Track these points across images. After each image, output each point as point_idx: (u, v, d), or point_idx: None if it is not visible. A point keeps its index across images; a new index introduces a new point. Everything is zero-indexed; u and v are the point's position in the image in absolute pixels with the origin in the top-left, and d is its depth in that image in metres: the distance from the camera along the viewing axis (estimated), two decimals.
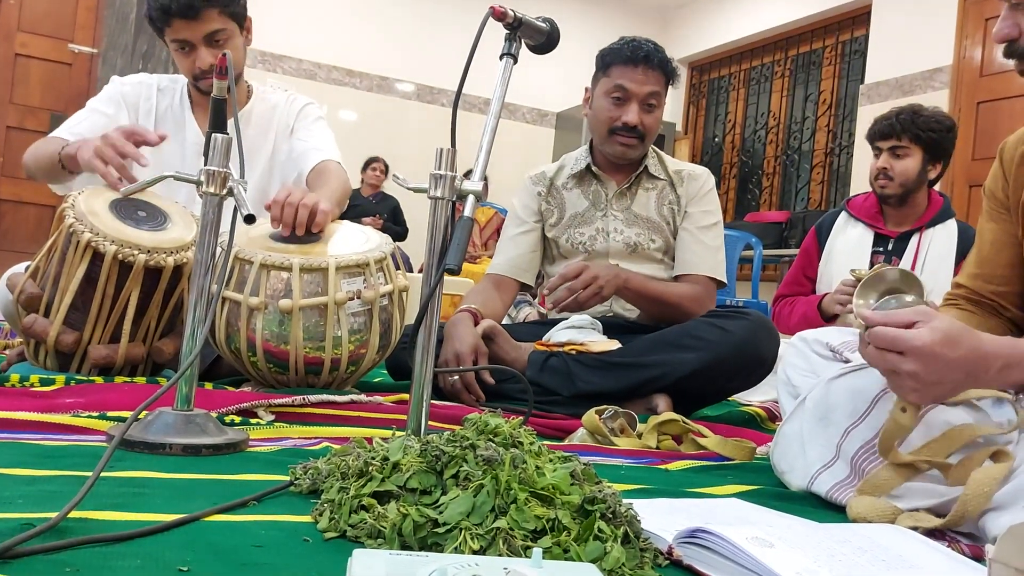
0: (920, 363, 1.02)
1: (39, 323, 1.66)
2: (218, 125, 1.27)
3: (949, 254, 2.57)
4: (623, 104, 2.16)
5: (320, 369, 1.69)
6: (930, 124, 2.56)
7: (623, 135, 2.18)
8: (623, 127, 2.17)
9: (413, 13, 7.20)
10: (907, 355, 1.03)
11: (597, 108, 2.21)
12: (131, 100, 2.14)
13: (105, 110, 2.11)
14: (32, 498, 0.87)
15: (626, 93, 2.15)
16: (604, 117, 2.19)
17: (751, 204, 7.23)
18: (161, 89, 2.19)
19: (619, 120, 2.16)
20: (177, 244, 1.69)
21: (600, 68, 2.22)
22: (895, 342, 1.03)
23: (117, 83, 2.17)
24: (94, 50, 4.85)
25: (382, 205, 6.66)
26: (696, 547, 0.82)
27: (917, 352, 1.02)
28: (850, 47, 6.45)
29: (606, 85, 2.18)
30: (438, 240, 1.16)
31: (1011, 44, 1.20)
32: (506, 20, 1.28)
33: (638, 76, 2.14)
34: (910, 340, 1.02)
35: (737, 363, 1.92)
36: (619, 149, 2.20)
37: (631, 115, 2.15)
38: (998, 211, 1.37)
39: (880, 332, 1.05)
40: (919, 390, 1.04)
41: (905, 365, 1.03)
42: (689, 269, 2.21)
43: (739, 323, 1.92)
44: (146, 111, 2.15)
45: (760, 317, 1.98)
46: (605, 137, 2.21)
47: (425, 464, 0.86)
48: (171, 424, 1.18)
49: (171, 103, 2.17)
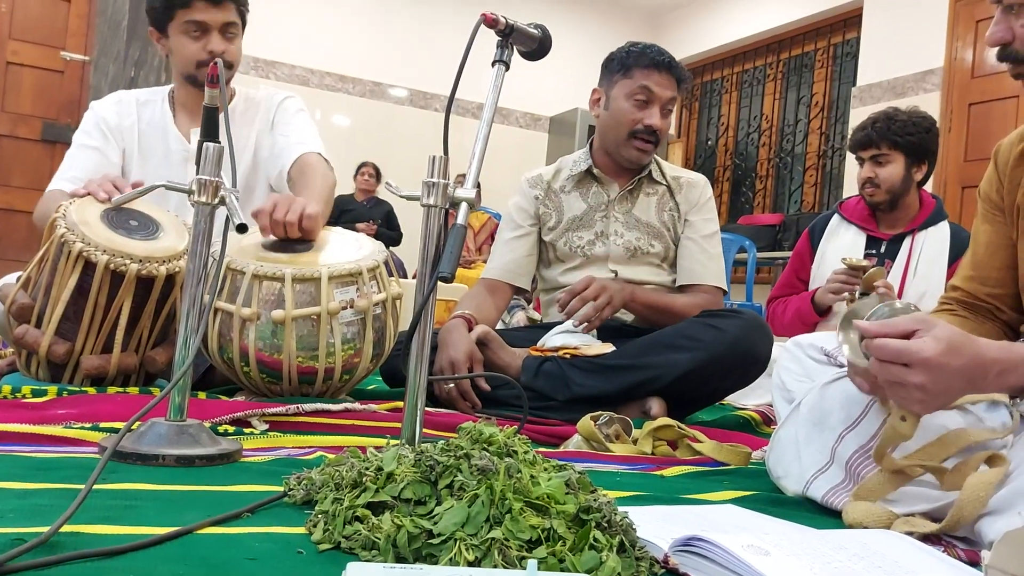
0: (928, 375, 1.00)
1: (31, 333, 1.65)
2: (210, 133, 1.27)
3: (942, 256, 2.57)
4: (647, 106, 2.15)
5: (314, 378, 1.69)
6: (907, 128, 2.54)
7: (643, 138, 2.17)
8: (644, 130, 2.16)
9: (406, 18, 7.20)
10: (914, 367, 1.00)
11: (617, 110, 2.18)
12: (112, 122, 2.13)
13: (92, 143, 2.09)
14: (23, 512, 0.86)
15: (651, 95, 2.14)
16: (626, 119, 2.16)
17: (744, 207, 7.24)
18: (142, 103, 2.17)
19: (641, 122, 2.15)
20: (169, 253, 1.68)
21: (618, 70, 2.19)
22: (900, 354, 1.01)
23: (96, 110, 2.15)
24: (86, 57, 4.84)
25: (376, 210, 6.66)
26: (692, 555, 0.82)
27: (924, 364, 0.99)
28: (842, 50, 6.47)
29: (628, 87, 2.16)
30: (431, 248, 1.16)
31: (1004, 48, 1.19)
32: (498, 27, 1.28)
33: (663, 80, 2.14)
34: (917, 352, 1.00)
35: (731, 362, 1.91)
36: (636, 153, 2.19)
37: (654, 118, 2.15)
38: (993, 213, 1.37)
39: (883, 344, 1.02)
40: (925, 401, 1.03)
41: (913, 377, 1.00)
42: (695, 279, 2.21)
43: (732, 322, 1.92)
44: (128, 127, 2.13)
45: (753, 316, 1.98)
46: (623, 140, 2.18)
47: (419, 474, 0.86)
48: (164, 435, 1.17)
49: (152, 115, 2.16)
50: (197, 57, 2.04)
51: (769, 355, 1.98)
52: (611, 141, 2.23)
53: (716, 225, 2.29)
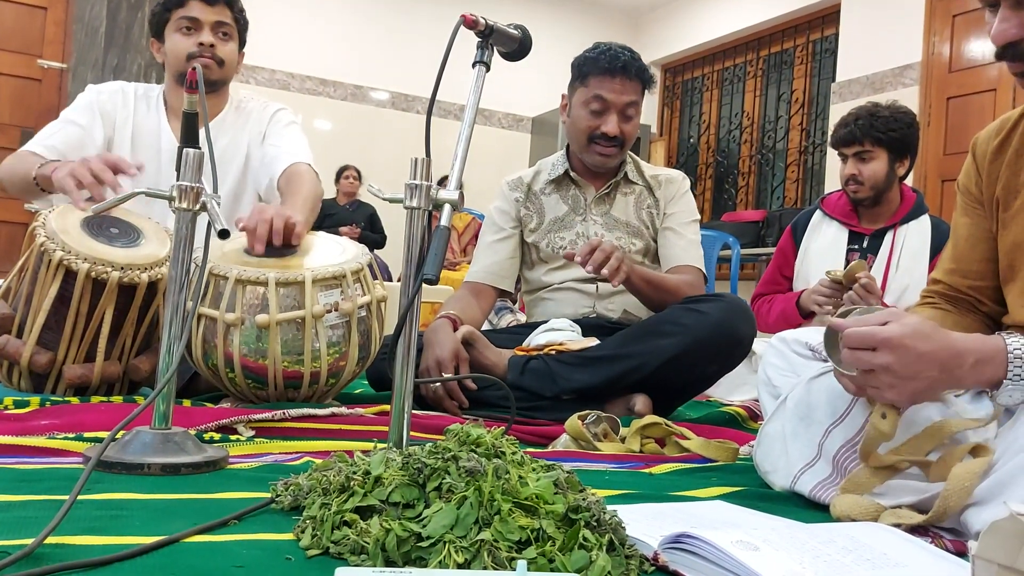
0: (892, 355, 1.03)
1: (12, 344, 1.63)
2: (190, 139, 1.26)
3: (924, 249, 2.58)
4: (602, 114, 2.16)
5: (299, 383, 1.68)
6: (889, 124, 2.55)
7: (602, 144, 2.18)
8: (602, 136, 2.17)
9: (386, 21, 7.19)
10: (879, 349, 1.04)
11: (575, 118, 2.21)
12: (108, 109, 2.13)
13: (79, 120, 2.09)
14: (7, 524, 0.85)
15: (604, 103, 2.15)
16: (583, 127, 2.18)
17: (727, 204, 7.27)
18: (138, 97, 2.18)
19: (598, 130, 2.16)
20: (151, 260, 1.67)
21: (577, 77, 2.21)
22: (865, 339, 1.05)
23: (94, 91, 2.16)
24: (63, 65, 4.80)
25: (358, 213, 6.64)
26: (682, 552, 0.82)
27: (888, 344, 1.03)
28: (821, 46, 6.51)
29: (584, 95, 2.17)
30: (415, 250, 1.16)
31: (1013, 46, 1.12)
32: (477, 28, 1.28)
33: (616, 86, 2.14)
34: (879, 332, 1.04)
35: (715, 345, 1.92)
36: (598, 159, 2.21)
37: (610, 125, 2.15)
38: (972, 206, 1.38)
39: (851, 332, 1.07)
40: (895, 385, 1.05)
41: (878, 359, 1.04)
42: (678, 261, 2.23)
43: (714, 305, 1.93)
44: (123, 120, 2.13)
45: (735, 299, 1.98)
46: (584, 146, 2.21)
47: (407, 477, 0.85)
48: (149, 443, 1.16)
49: (147, 111, 2.17)
50: (187, 50, 2.08)
51: (752, 338, 1.99)
52: (575, 147, 2.26)
53: (695, 215, 2.31)
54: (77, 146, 2.03)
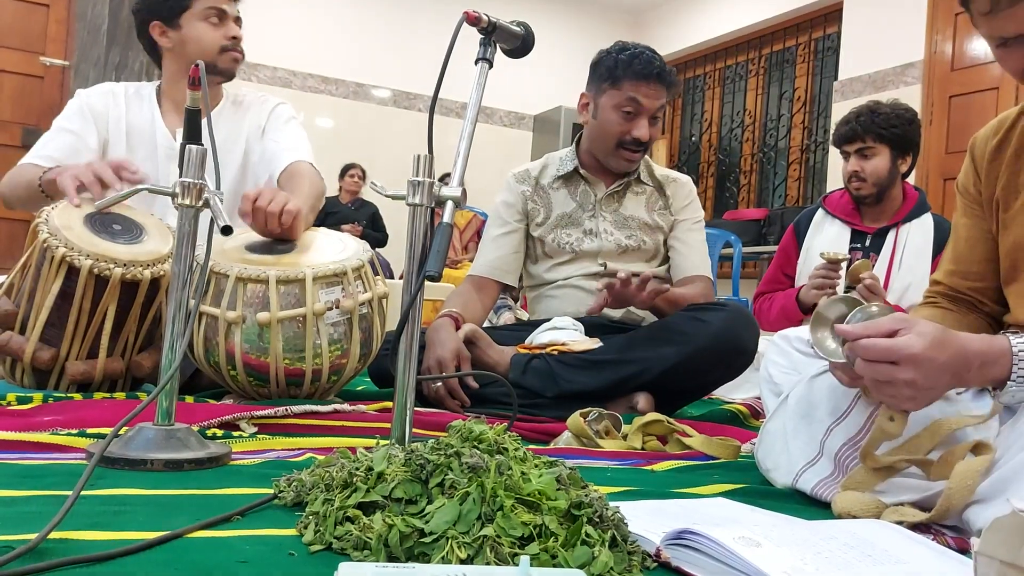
0: (917, 371, 1.00)
1: (15, 340, 1.64)
2: (192, 136, 1.26)
3: (926, 248, 2.58)
4: (634, 118, 2.13)
5: (301, 380, 1.68)
6: (891, 120, 2.55)
7: (631, 149, 2.16)
8: (632, 141, 2.15)
9: (388, 19, 7.19)
10: (902, 364, 1.01)
11: (605, 121, 2.16)
12: (99, 110, 2.11)
13: (71, 127, 2.08)
14: (11, 519, 0.85)
15: (639, 107, 2.12)
16: (614, 131, 2.15)
17: (729, 202, 7.26)
18: (130, 95, 2.17)
19: (629, 134, 2.14)
20: (153, 257, 1.67)
21: (606, 79, 2.15)
22: (888, 353, 1.01)
23: (83, 96, 2.14)
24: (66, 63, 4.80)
25: (361, 212, 6.64)
26: (684, 548, 0.82)
27: (913, 360, 1.00)
28: (823, 44, 6.50)
29: (616, 98, 2.13)
30: (417, 247, 1.16)
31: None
32: (480, 24, 1.28)
33: (651, 91, 2.11)
34: (904, 348, 1.00)
35: (717, 354, 1.92)
36: (623, 163, 2.20)
37: (642, 130, 2.13)
38: (971, 207, 1.38)
39: (870, 344, 1.03)
40: (915, 398, 1.03)
41: (902, 374, 1.01)
42: (693, 271, 2.24)
43: (717, 314, 1.92)
44: (116, 119, 2.12)
45: (738, 307, 1.98)
46: (611, 150, 2.18)
47: (410, 473, 0.86)
48: (152, 439, 1.16)
49: (140, 109, 2.15)
50: (220, 43, 2.09)
51: (755, 346, 1.99)
52: (599, 149, 2.23)
53: (702, 218, 2.34)
54: (72, 153, 2.02)
